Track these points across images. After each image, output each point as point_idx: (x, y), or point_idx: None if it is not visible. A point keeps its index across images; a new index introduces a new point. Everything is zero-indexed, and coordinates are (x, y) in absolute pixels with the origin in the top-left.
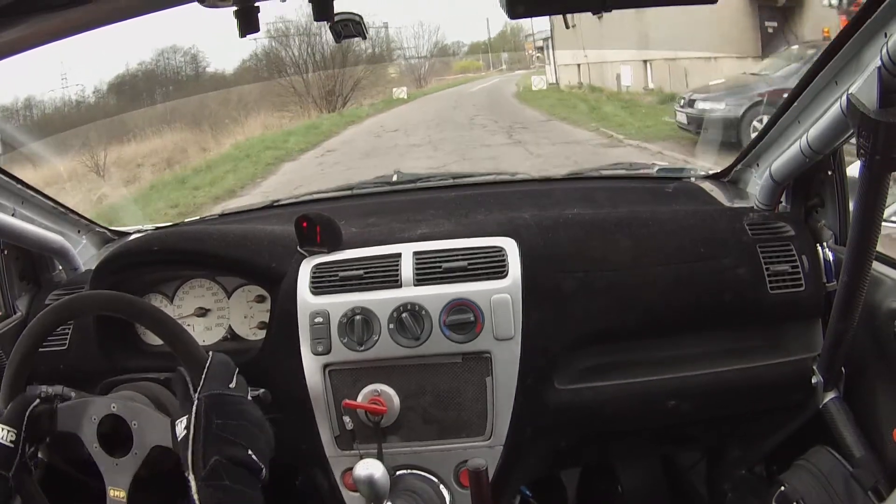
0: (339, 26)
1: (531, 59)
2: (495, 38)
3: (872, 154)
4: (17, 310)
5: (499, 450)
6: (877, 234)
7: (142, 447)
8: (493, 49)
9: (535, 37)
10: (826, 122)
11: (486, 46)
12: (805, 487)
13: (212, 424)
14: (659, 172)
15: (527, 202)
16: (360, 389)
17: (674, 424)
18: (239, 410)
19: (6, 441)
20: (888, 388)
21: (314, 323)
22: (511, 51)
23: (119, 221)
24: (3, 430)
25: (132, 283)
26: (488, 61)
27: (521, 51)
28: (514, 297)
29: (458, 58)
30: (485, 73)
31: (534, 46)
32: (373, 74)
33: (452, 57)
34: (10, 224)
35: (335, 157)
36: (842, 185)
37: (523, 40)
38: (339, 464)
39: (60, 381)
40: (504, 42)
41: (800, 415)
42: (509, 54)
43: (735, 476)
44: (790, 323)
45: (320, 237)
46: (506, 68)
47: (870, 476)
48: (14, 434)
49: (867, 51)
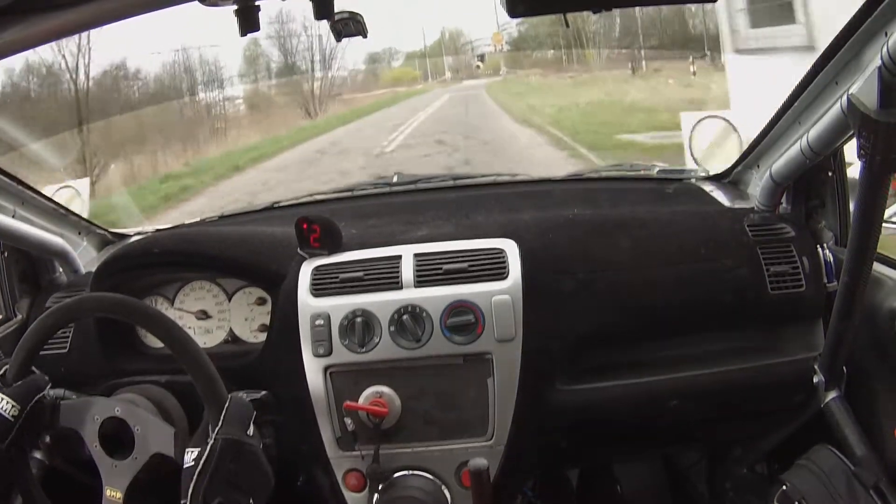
0: (339, 25)
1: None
2: (433, 46)
3: (873, 155)
4: (17, 312)
5: (500, 450)
6: (877, 235)
7: (143, 453)
8: (431, 55)
9: (473, 44)
10: (826, 123)
11: (424, 53)
12: (807, 486)
13: (224, 468)
14: (659, 173)
15: (527, 203)
16: (362, 391)
17: (675, 424)
18: (253, 461)
19: (7, 414)
20: (889, 388)
21: (315, 325)
22: (454, 54)
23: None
24: (8, 404)
25: (133, 286)
26: (426, 69)
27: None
28: (514, 298)
29: (386, 66)
30: (422, 84)
31: (474, 55)
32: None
33: (381, 65)
34: (10, 226)
35: None
36: (842, 186)
37: (468, 46)
38: (341, 465)
39: (61, 385)
40: (441, 50)
41: (801, 414)
42: (455, 58)
43: (736, 475)
44: (791, 323)
45: (320, 239)
46: (450, 78)
47: (871, 475)
48: (17, 410)
49: (867, 51)
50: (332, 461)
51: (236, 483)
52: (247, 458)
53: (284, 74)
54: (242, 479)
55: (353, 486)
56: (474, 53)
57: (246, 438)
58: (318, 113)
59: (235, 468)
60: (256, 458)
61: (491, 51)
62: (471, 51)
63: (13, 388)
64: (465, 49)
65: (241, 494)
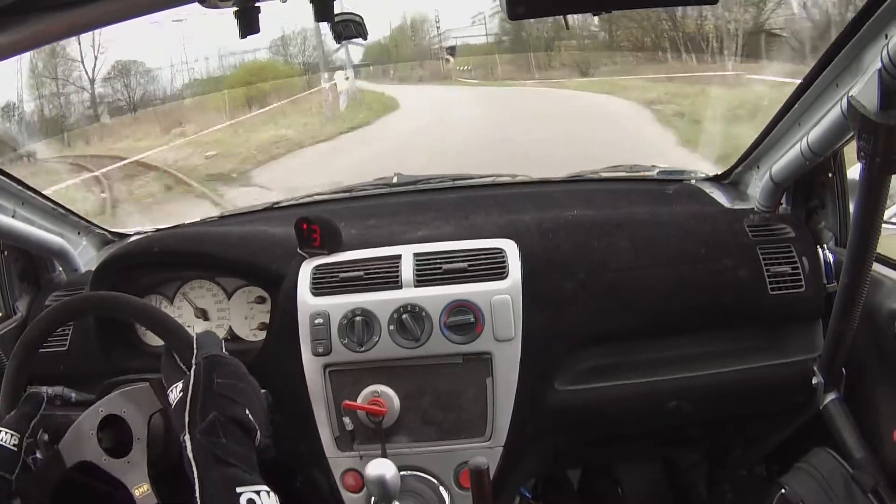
0: (339, 27)
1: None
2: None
3: (873, 156)
4: (17, 311)
5: (499, 451)
6: (877, 236)
7: (140, 428)
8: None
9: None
10: (826, 125)
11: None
12: (805, 490)
13: (213, 383)
14: (659, 174)
15: (527, 204)
16: (361, 390)
17: (674, 425)
18: (237, 372)
19: (9, 444)
20: (888, 389)
21: (314, 324)
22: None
23: None
24: (7, 434)
25: (132, 285)
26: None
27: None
28: (514, 298)
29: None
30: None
31: (442, 47)
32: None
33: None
34: (9, 225)
35: None
36: (842, 187)
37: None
38: (339, 465)
39: (61, 382)
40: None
41: (800, 416)
42: (414, 50)
43: (735, 477)
44: (790, 324)
45: (320, 239)
46: (395, 76)
47: (870, 477)
48: (17, 438)
49: (868, 53)
50: (330, 461)
51: (228, 396)
52: (231, 369)
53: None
54: (233, 391)
55: (352, 487)
56: (445, 47)
57: (225, 355)
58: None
59: (224, 381)
60: (240, 369)
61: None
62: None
63: (7, 420)
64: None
65: (237, 407)
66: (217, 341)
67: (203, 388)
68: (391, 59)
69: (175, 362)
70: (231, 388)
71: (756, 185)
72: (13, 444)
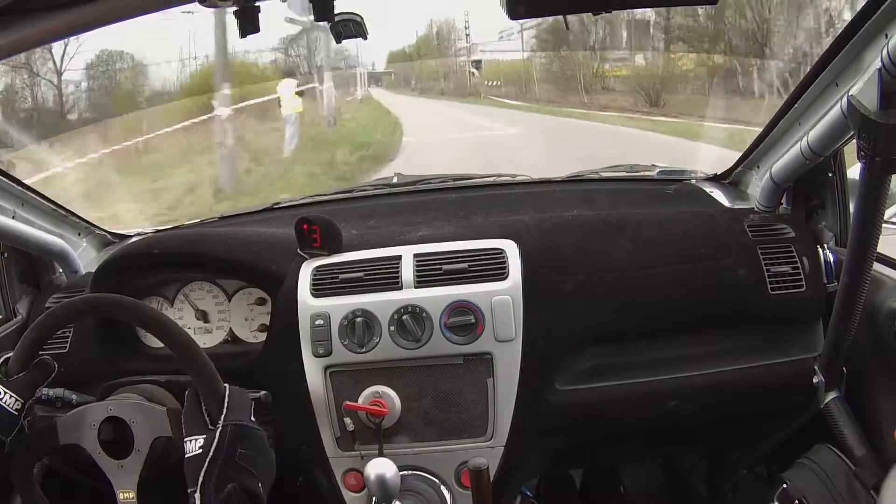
0: (339, 26)
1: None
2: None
3: (873, 156)
4: (17, 313)
5: (500, 451)
6: (877, 236)
7: (143, 442)
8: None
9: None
10: (827, 124)
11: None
12: (807, 485)
13: (236, 453)
14: (659, 174)
15: (527, 204)
16: (361, 391)
17: (674, 425)
18: (260, 445)
19: (11, 408)
20: (889, 388)
21: (315, 325)
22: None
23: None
24: (11, 397)
25: (132, 286)
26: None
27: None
28: (514, 298)
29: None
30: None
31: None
32: None
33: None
34: (9, 226)
35: None
36: (842, 186)
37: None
38: (340, 465)
39: (61, 384)
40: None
41: (801, 415)
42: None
43: (736, 476)
44: (791, 324)
45: (320, 239)
46: (416, 87)
47: (871, 474)
48: (20, 403)
49: (868, 52)
50: (331, 461)
51: (247, 468)
52: (255, 442)
53: None
54: (252, 463)
55: (353, 486)
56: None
57: (252, 424)
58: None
59: (246, 453)
60: (263, 442)
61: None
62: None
63: (15, 381)
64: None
65: (253, 480)
66: (247, 404)
67: (225, 456)
68: (413, 71)
69: (200, 412)
70: (251, 460)
71: (756, 184)
72: (15, 409)
